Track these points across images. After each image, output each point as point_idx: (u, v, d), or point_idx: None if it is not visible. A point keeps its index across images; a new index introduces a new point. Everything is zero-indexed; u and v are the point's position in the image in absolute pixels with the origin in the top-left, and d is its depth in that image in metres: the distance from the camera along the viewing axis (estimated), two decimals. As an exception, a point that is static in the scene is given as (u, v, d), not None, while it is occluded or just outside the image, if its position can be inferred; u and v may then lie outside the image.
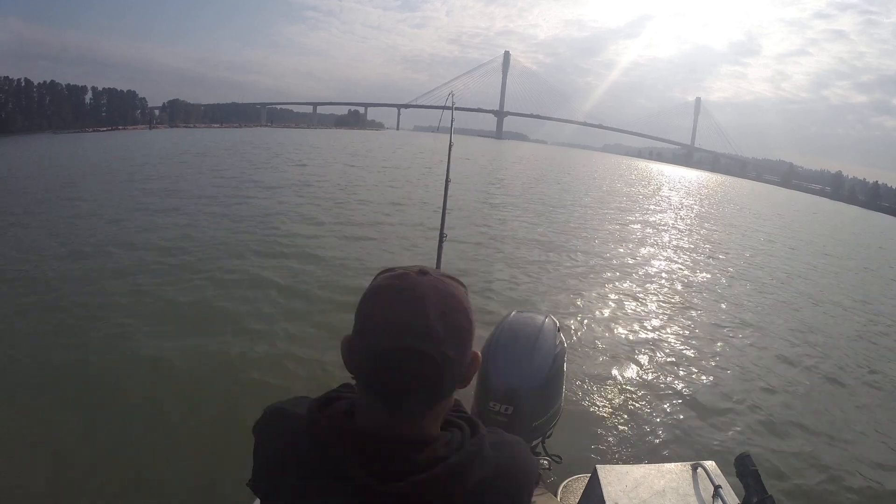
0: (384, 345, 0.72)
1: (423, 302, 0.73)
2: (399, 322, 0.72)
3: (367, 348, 0.73)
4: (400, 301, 0.73)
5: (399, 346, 0.71)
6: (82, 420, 4.10)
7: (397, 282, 0.76)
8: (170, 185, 16.68)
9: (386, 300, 0.74)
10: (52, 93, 73.55)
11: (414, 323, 0.72)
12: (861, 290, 12.72)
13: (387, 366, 0.72)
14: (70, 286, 6.83)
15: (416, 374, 0.72)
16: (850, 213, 70.21)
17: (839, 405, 5.66)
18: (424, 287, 0.75)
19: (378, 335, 0.73)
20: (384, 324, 0.73)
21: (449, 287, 0.77)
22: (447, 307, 0.74)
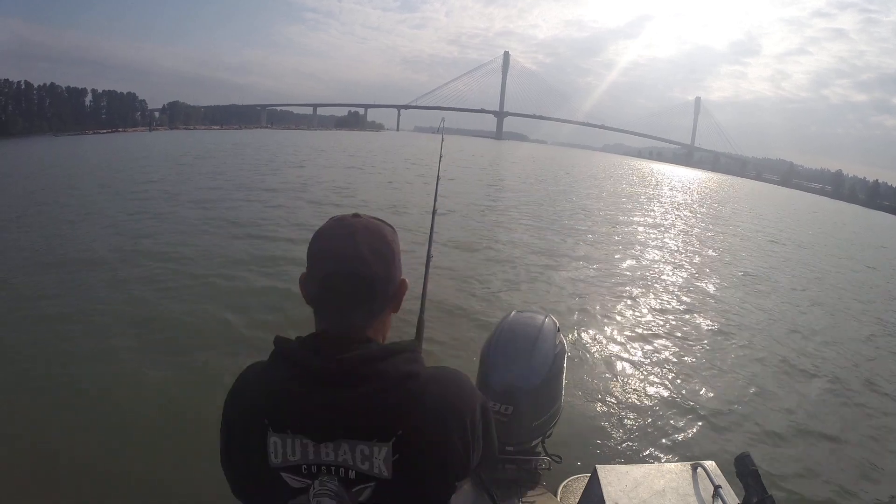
0: (327, 269, 0.93)
1: (353, 236, 0.93)
2: (336, 251, 0.93)
3: (315, 275, 0.94)
4: (336, 237, 0.94)
5: (337, 269, 0.92)
6: (73, 427, 4.08)
7: (334, 223, 0.98)
8: (169, 187, 16.72)
9: (326, 237, 0.96)
10: (52, 95, 73.62)
11: (347, 251, 0.92)
12: (862, 290, 12.70)
13: (330, 285, 0.93)
14: (64, 290, 6.84)
15: (353, 290, 0.93)
16: (850, 212, 70.14)
17: (839, 406, 5.66)
18: (355, 225, 0.96)
19: (322, 263, 0.94)
20: (325, 254, 0.94)
21: (375, 224, 0.99)
22: (373, 238, 0.95)
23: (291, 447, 0.89)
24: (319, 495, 0.89)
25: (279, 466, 0.90)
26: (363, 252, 0.92)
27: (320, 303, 0.96)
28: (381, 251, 0.95)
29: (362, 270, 0.92)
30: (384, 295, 0.97)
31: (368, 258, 0.92)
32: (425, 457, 0.90)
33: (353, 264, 0.92)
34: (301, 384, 0.88)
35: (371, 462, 0.87)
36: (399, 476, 0.88)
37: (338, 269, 0.92)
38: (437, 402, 0.92)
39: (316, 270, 0.94)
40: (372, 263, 0.93)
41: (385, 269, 0.95)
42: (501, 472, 2.33)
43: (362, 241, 0.93)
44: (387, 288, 0.97)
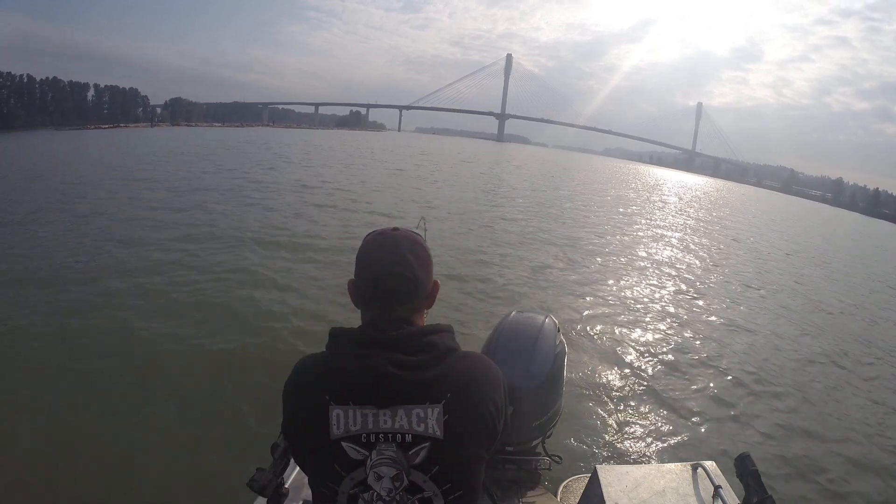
0: (377, 272, 1.10)
1: (397, 245, 1.12)
2: (383, 257, 1.11)
3: (365, 278, 1.12)
4: (382, 246, 1.13)
5: (385, 271, 1.09)
6: (82, 418, 4.11)
7: (379, 235, 1.16)
8: (173, 184, 16.74)
9: (373, 246, 1.14)
10: (55, 89, 73.68)
11: (392, 256, 1.10)
12: (860, 293, 12.73)
13: (378, 285, 1.10)
14: (73, 285, 6.86)
15: (399, 288, 1.10)
16: (850, 220, 70.19)
17: (840, 406, 5.66)
18: (397, 237, 1.14)
19: (372, 267, 1.11)
20: (374, 260, 1.12)
21: (412, 235, 1.17)
22: (412, 246, 1.13)
23: (353, 417, 1.02)
24: (377, 465, 1.01)
25: (341, 437, 1.02)
26: (406, 257, 1.10)
27: (370, 301, 1.13)
28: (421, 256, 1.14)
29: (406, 272, 1.09)
30: (423, 293, 1.14)
31: (411, 262, 1.11)
32: (469, 418, 1.04)
33: (399, 267, 1.09)
34: (361, 357, 1.03)
35: (426, 423, 1.01)
36: (449, 435, 1.01)
37: (386, 271, 1.09)
38: (477, 373, 1.09)
39: (366, 274, 1.12)
40: (414, 266, 1.11)
41: (424, 271, 1.13)
42: (501, 472, 2.32)
43: (405, 248, 1.11)
44: (425, 288, 1.15)
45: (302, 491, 1.91)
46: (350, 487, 1.04)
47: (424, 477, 1.02)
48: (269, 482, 1.61)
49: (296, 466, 1.97)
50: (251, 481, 1.58)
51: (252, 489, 1.58)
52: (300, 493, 1.89)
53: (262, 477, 1.60)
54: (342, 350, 1.08)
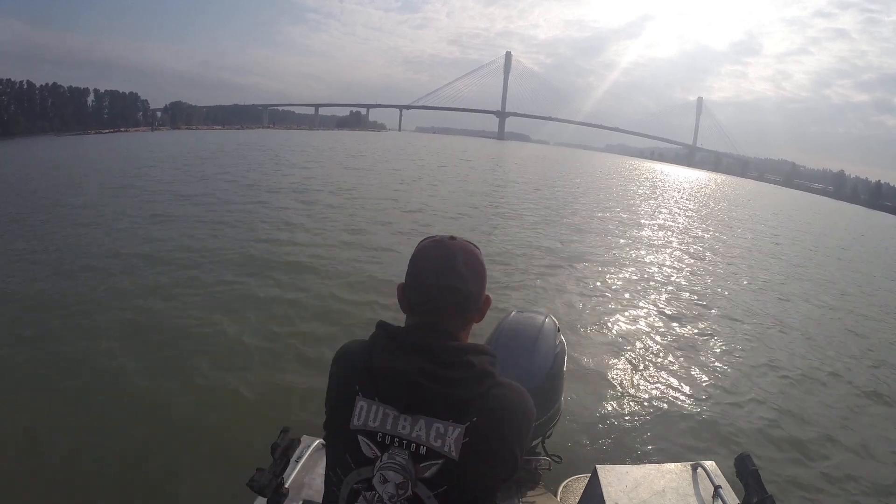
0: (430, 282, 1.08)
1: (452, 256, 1.08)
2: (438, 267, 1.08)
3: (417, 287, 1.10)
4: (438, 256, 1.09)
5: (439, 283, 1.07)
6: (83, 419, 4.12)
7: (435, 243, 1.12)
8: (174, 189, 16.77)
9: (429, 255, 1.11)
10: (55, 95, 73.69)
11: (447, 267, 1.07)
12: (863, 290, 12.69)
13: (431, 295, 1.08)
14: (78, 282, 6.88)
15: (451, 301, 1.08)
16: (852, 213, 69.95)
17: (840, 406, 5.64)
18: (453, 247, 1.10)
19: (425, 277, 1.09)
20: (428, 270, 1.09)
21: (469, 246, 1.13)
22: (468, 258, 1.10)
23: (374, 413, 1.02)
24: (385, 468, 1.00)
25: (359, 429, 1.03)
26: (461, 269, 1.08)
27: (418, 310, 1.11)
28: (476, 269, 1.11)
29: (460, 285, 1.07)
30: (475, 307, 1.12)
31: (466, 275, 1.08)
32: (489, 446, 0.99)
33: (453, 280, 1.07)
34: (397, 357, 1.03)
35: (444, 440, 0.98)
36: (465, 459, 0.98)
37: (439, 282, 1.07)
38: (511, 405, 1.04)
39: (417, 283, 1.10)
40: (468, 279, 1.08)
41: (477, 285, 1.10)
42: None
43: (460, 260, 1.08)
44: (477, 302, 1.12)
45: (302, 491, 1.92)
46: (355, 481, 1.03)
47: (429, 493, 0.99)
48: (269, 482, 1.62)
49: (296, 466, 1.98)
50: (251, 481, 1.59)
51: (252, 489, 1.59)
52: (300, 493, 1.90)
53: (262, 477, 1.61)
54: (380, 345, 1.07)
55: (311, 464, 2.04)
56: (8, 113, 63.64)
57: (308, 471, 2.01)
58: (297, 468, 1.97)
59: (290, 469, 1.92)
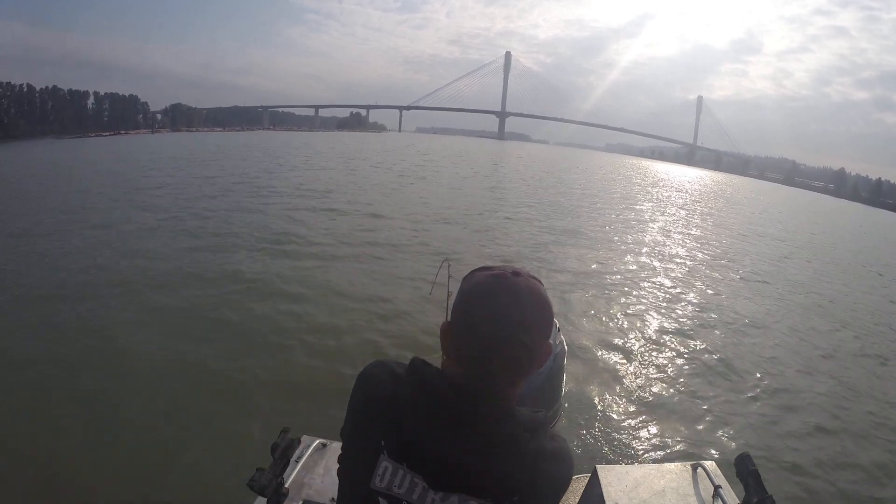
0: (488, 330, 0.88)
1: (519, 300, 0.88)
2: (501, 313, 0.87)
3: (470, 334, 0.90)
4: (502, 302, 0.88)
5: (502, 334, 0.87)
6: (83, 419, 4.15)
7: (496, 280, 0.91)
8: (177, 192, 16.78)
9: (489, 294, 0.89)
10: (55, 98, 73.71)
11: (513, 316, 0.87)
12: (866, 288, 12.69)
13: (486, 348, 0.88)
14: (72, 299, 6.88)
15: (513, 357, 0.88)
16: (852, 210, 69.86)
17: (840, 406, 5.64)
18: (519, 286, 0.90)
19: (485, 325, 0.88)
20: (490, 316, 0.88)
21: (537, 286, 0.92)
22: (536, 303, 0.90)
23: (401, 479, 0.88)
24: None
25: (380, 490, 0.89)
26: (529, 319, 0.89)
27: (470, 362, 0.91)
28: (544, 316, 0.92)
29: (526, 339, 0.88)
30: (537, 362, 0.93)
31: (533, 326, 0.89)
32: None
33: (519, 332, 0.87)
34: (434, 425, 0.88)
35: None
36: None
37: (503, 334, 0.87)
38: (553, 479, 0.93)
39: (472, 331, 0.90)
40: (536, 332, 0.89)
41: (544, 336, 0.92)
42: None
43: (527, 306, 0.89)
44: (541, 355, 0.92)
45: (302, 491, 1.92)
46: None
47: None
48: (269, 482, 1.63)
49: (295, 466, 1.98)
50: (251, 481, 1.59)
51: (252, 489, 1.60)
52: (300, 493, 1.90)
53: (262, 477, 1.61)
54: (413, 400, 0.90)
55: (311, 464, 2.04)
56: (8, 116, 63.65)
57: (308, 471, 2.01)
58: (297, 468, 1.97)
59: (290, 469, 1.92)
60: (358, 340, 5.94)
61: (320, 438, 2.16)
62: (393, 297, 7.38)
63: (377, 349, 5.75)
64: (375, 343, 5.91)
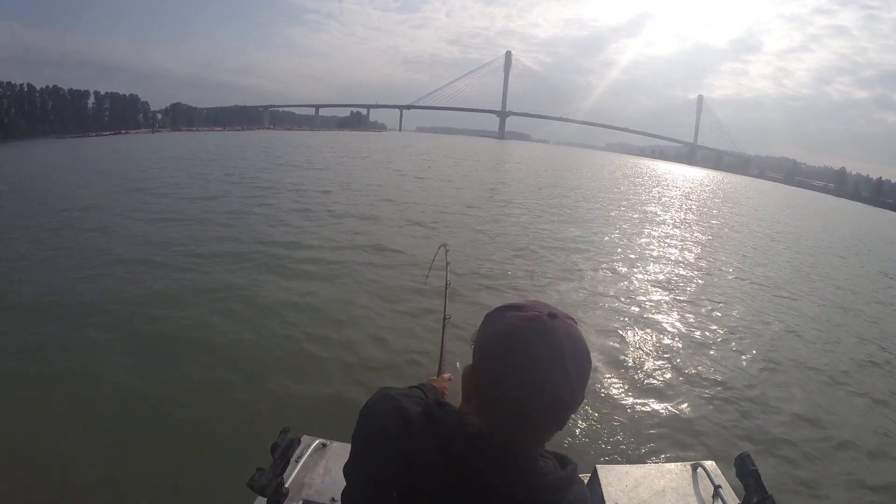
0: (523, 387, 0.78)
1: (560, 348, 0.78)
2: (539, 368, 0.77)
3: (504, 391, 0.79)
4: (538, 346, 0.78)
5: (538, 389, 0.77)
6: (84, 419, 4.16)
7: (532, 325, 0.80)
8: (177, 191, 16.77)
9: (524, 344, 0.79)
10: (55, 98, 73.73)
11: (555, 373, 0.77)
12: (866, 287, 12.67)
13: (523, 405, 0.78)
14: (92, 286, 6.89)
15: (551, 415, 0.80)
16: (855, 210, 69.78)
17: (840, 406, 5.64)
18: (558, 333, 0.79)
19: (518, 378, 0.78)
20: (524, 369, 0.78)
21: (576, 331, 0.83)
22: (577, 353, 0.80)
23: None
24: None
25: None
26: (572, 376, 0.79)
27: (498, 417, 0.81)
28: (586, 369, 0.82)
29: (565, 395, 0.79)
30: (571, 416, 0.84)
31: (575, 383, 0.79)
32: None
33: (561, 390, 0.78)
34: (453, 482, 0.80)
35: None
36: None
37: (540, 392, 0.78)
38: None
39: (509, 387, 0.79)
40: (577, 389, 0.80)
41: (584, 387, 0.82)
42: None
43: (568, 358, 0.79)
44: (576, 409, 0.83)
45: (302, 491, 1.92)
46: None
47: None
48: (269, 482, 1.63)
49: (296, 466, 1.98)
50: (251, 481, 1.59)
51: (252, 489, 1.60)
52: (300, 493, 1.90)
53: (262, 477, 1.62)
54: (427, 458, 0.82)
55: (311, 464, 2.05)
56: (9, 116, 63.66)
57: (308, 471, 2.01)
58: (297, 468, 1.97)
59: (290, 469, 1.92)
60: (359, 340, 5.94)
61: (320, 438, 2.17)
62: (394, 296, 7.39)
63: (378, 349, 5.75)
64: (376, 342, 5.91)
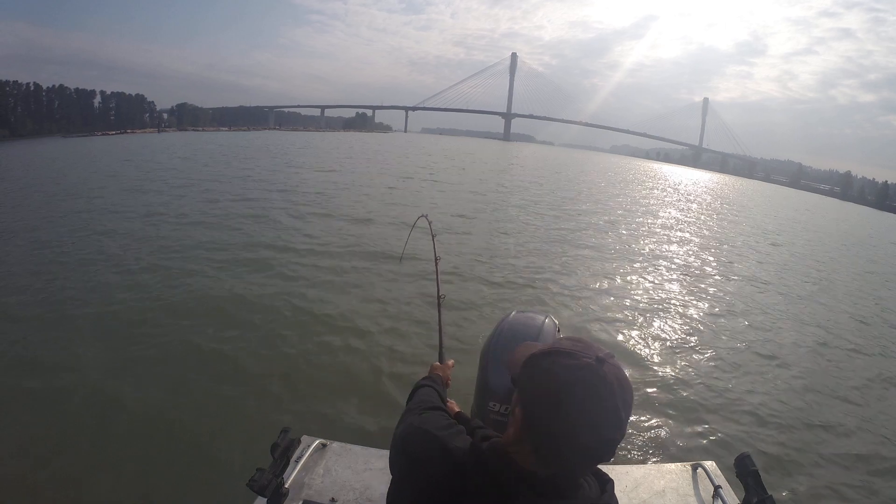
0: (587, 439, 0.83)
1: (612, 398, 0.83)
2: (597, 421, 0.82)
3: (569, 442, 0.84)
4: (594, 400, 0.83)
5: (597, 438, 0.84)
6: (84, 419, 4.20)
7: (584, 376, 0.84)
8: (176, 192, 16.79)
9: (581, 397, 0.83)
10: (61, 97, 73.95)
11: (609, 418, 0.83)
12: (869, 290, 12.62)
13: (585, 454, 0.86)
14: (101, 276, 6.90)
15: (604, 456, 0.86)
16: (861, 214, 69.48)
17: (841, 406, 5.63)
18: (609, 380, 0.84)
19: (582, 432, 0.83)
20: (587, 423, 0.83)
21: (622, 374, 0.88)
22: (626, 396, 0.86)
23: None
24: None
25: None
26: (623, 420, 0.85)
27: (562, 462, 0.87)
28: (630, 406, 0.88)
29: (619, 437, 0.86)
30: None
31: (625, 422, 0.86)
32: None
33: (615, 434, 0.85)
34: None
35: None
36: None
37: (599, 439, 0.84)
38: None
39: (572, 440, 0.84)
40: (624, 426, 0.86)
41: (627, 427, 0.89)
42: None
43: (622, 405, 0.85)
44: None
45: (302, 491, 1.92)
46: None
47: None
48: (269, 482, 1.64)
49: (296, 466, 1.99)
50: (251, 481, 1.60)
51: (252, 489, 1.60)
52: (300, 493, 1.91)
53: (262, 477, 1.62)
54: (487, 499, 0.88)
55: (310, 464, 2.05)
56: (15, 115, 63.93)
57: (308, 471, 2.01)
58: (297, 468, 1.97)
59: (290, 469, 1.92)
60: (359, 338, 5.96)
61: (320, 438, 2.17)
62: (395, 296, 7.41)
63: (379, 348, 5.76)
64: (377, 341, 5.94)
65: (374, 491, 1.94)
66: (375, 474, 2.03)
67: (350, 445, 2.20)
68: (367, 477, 2.01)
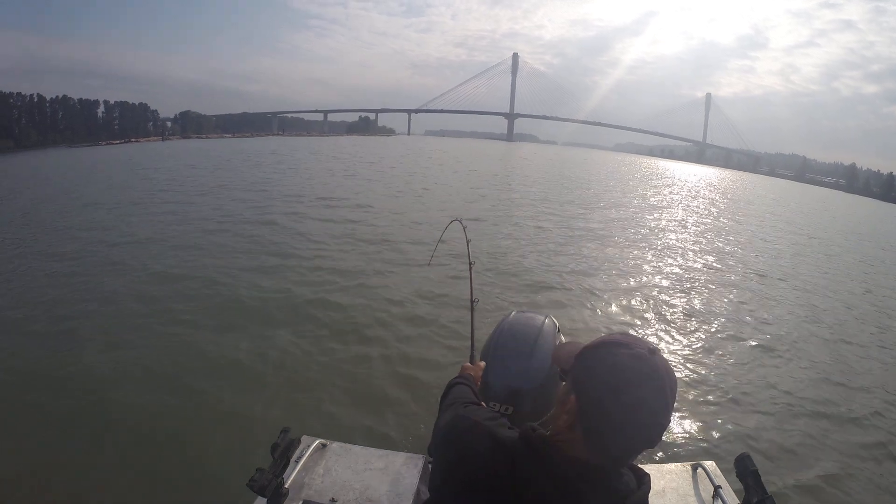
0: (638, 427, 0.89)
1: (663, 387, 0.89)
2: (650, 408, 0.88)
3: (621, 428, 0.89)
4: (648, 388, 0.88)
5: (649, 425, 0.89)
6: (84, 419, 4.24)
7: (639, 365, 0.90)
8: (180, 198, 16.85)
9: (636, 386, 0.88)
10: (65, 107, 74.32)
11: (660, 406, 0.89)
12: (869, 286, 12.56)
13: (636, 440, 0.91)
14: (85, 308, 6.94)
15: (653, 441, 0.92)
16: (868, 206, 69.09)
17: (841, 406, 5.58)
18: (662, 373, 0.90)
19: (633, 419, 0.89)
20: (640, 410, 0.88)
21: (669, 365, 0.93)
22: (673, 385, 0.92)
23: None
24: None
25: None
26: (670, 406, 0.91)
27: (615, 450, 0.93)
28: (675, 398, 0.94)
29: (667, 423, 0.92)
30: None
31: (671, 410, 0.92)
32: None
33: (664, 420, 0.90)
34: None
35: None
36: None
37: (651, 426, 0.90)
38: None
39: (624, 426, 0.89)
40: (671, 414, 0.92)
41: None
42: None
43: (670, 393, 0.91)
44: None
45: (302, 491, 1.94)
46: None
47: None
48: (269, 482, 1.65)
49: (296, 466, 2.00)
50: (251, 481, 1.62)
51: (252, 489, 1.62)
52: (300, 493, 1.92)
53: (262, 477, 1.64)
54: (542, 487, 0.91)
55: (310, 464, 2.06)
56: (19, 126, 64.29)
57: (308, 471, 2.03)
58: (297, 468, 1.99)
59: (290, 469, 1.94)
60: (360, 339, 5.98)
61: (320, 438, 2.19)
62: (396, 295, 7.43)
63: (379, 348, 5.78)
64: (378, 341, 5.95)
65: (374, 491, 1.95)
66: (375, 474, 2.04)
67: (350, 445, 2.21)
68: (367, 477, 2.02)
